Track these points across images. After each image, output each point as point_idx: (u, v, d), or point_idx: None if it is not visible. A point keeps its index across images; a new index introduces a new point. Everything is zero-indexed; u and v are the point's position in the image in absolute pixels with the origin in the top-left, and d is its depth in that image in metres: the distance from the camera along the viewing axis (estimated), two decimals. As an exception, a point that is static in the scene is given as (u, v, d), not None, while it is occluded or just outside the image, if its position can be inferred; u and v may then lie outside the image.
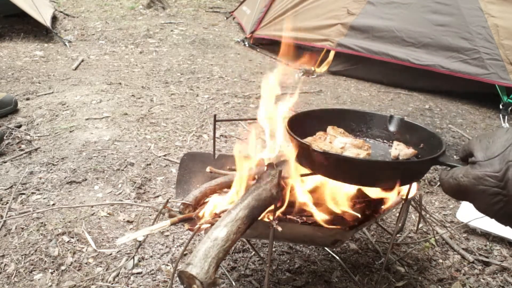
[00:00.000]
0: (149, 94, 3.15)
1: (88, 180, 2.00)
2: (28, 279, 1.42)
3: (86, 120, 2.61)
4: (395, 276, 1.53)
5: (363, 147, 1.18)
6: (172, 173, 2.12)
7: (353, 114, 1.38)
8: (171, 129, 2.59)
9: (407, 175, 1.08)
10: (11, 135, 2.39)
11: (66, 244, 1.58)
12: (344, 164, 1.04)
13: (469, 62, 3.30)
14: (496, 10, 3.28)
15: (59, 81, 3.35)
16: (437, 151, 1.05)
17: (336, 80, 3.88)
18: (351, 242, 1.69)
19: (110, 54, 4.26)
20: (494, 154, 0.80)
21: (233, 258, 1.57)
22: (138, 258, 1.54)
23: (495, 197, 0.80)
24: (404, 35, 3.59)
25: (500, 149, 0.79)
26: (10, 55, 3.98)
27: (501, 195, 0.79)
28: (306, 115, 1.32)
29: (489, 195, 0.80)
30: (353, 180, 1.11)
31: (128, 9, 6.29)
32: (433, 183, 2.17)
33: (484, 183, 0.80)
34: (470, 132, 2.90)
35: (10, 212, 1.74)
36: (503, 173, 0.78)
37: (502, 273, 1.59)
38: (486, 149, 0.82)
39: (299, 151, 1.13)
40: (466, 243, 1.74)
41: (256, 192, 1.10)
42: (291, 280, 1.47)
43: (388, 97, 3.55)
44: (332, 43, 3.88)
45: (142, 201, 1.89)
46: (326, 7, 4.00)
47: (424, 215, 1.80)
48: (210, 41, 4.88)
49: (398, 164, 1.10)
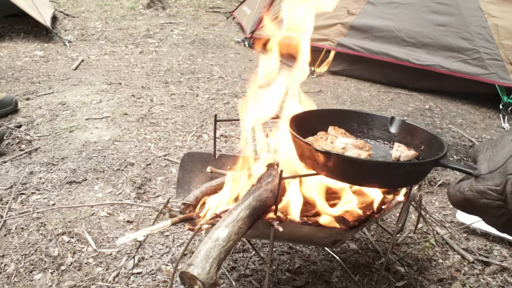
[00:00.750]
0: (149, 94, 3.15)
1: (88, 180, 2.00)
2: (28, 279, 1.42)
3: (86, 120, 2.61)
4: (395, 276, 1.53)
5: (364, 147, 1.18)
6: (172, 173, 2.12)
7: (354, 114, 1.38)
8: (171, 129, 2.59)
9: (408, 176, 1.08)
10: (11, 135, 2.39)
11: (66, 244, 1.58)
12: (345, 164, 1.04)
13: (469, 62, 3.31)
14: (496, 10, 3.28)
15: (59, 81, 3.35)
16: (439, 153, 1.05)
17: (336, 80, 3.88)
18: (351, 242, 1.69)
19: (110, 54, 4.26)
20: (496, 167, 0.78)
21: (233, 258, 1.57)
22: (138, 258, 1.54)
23: (499, 210, 0.79)
24: (404, 35, 3.59)
25: (501, 161, 0.78)
26: (10, 55, 3.98)
27: (504, 208, 0.78)
28: (307, 114, 1.32)
29: (493, 209, 0.79)
30: (354, 181, 1.11)
31: (128, 9, 6.29)
32: (433, 183, 2.18)
33: (487, 196, 0.79)
34: (470, 132, 2.90)
35: (10, 212, 1.74)
36: (503, 187, 0.77)
37: (502, 273, 1.59)
38: (489, 160, 0.81)
39: (301, 150, 1.13)
40: (466, 243, 1.74)
41: (257, 193, 1.10)
42: (291, 280, 1.47)
43: (388, 97, 3.55)
44: (332, 43, 3.88)
45: (142, 201, 1.89)
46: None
47: (424, 215, 1.80)
48: (210, 41, 4.88)
49: (399, 165, 1.10)
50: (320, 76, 3.94)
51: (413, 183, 1.18)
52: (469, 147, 2.66)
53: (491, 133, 2.92)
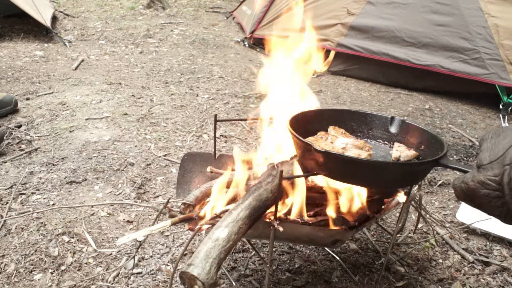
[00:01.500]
0: (149, 94, 3.15)
1: (88, 180, 2.00)
2: (28, 279, 1.42)
3: (86, 120, 2.61)
4: (395, 276, 1.53)
5: (364, 148, 1.18)
6: (172, 173, 2.12)
7: (354, 114, 1.38)
8: (171, 129, 2.59)
9: (409, 176, 1.08)
10: (11, 135, 2.39)
11: (66, 244, 1.58)
12: (344, 164, 1.04)
13: (469, 62, 3.30)
14: (496, 10, 3.28)
15: (59, 81, 3.35)
16: (438, 153, 1.05)
17: (336, 80, 3.88)
18: (351, 242, 1.69)
19: (110, 54, 4.26)
20: (496, 157, 0.79)
21: (233, 258, 1.57)
22: (138, 258, 1.54)
23: (498, 201, 0.79)
24: (404, 35, 3.58)
25: (501, 151, 0.78)
26: (10, 55, 3.98)
27: (503, 199, 0.78)
28: (307, 114, 1.32)
29: (493, 199, 0.80)
30: (352, 180, 1.11)
31: (128, 9, 6.29)
32: (433, 183, 2.18)
33: (487, 187, 0.80)
34: (470, 132, 2.90)
35: (10, 212, 1.74)
36: (501, 178, 0.77)
37: (502, 273, 1.59)
38: (490, 149, 0.81)
39: (301, 150, 1.13)
40: (466, 243, 1.74)
41: (257, 193, 1.10)
42: (291, 280, 1.47)
43: (388, 97, 3.55)
44: (332, 43, 3.88)
45: (142, 201, 1.89)
46: (326, 7, 4.00)
47: (424, 215, 1.80)
48: (210, 41, 4.88)
49: (399, 165, 1.10)
50: (320, 76, 3.94)
51: (414, 183, 1.18)
52: (469, 147, 2.66)
53: (491, 133, 2.92)
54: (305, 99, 1.39)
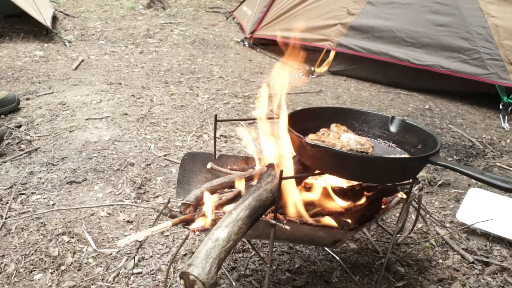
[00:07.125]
0: (149, 94, 3.15)
1: (88, 180, 2.00)
2: (28, 279, 1.42)
3: (86, 120, 2.61)
4: (395, 276, 1.53)
5: (365, 145, 1.19)
6: (172, 173, 2.12)
7: (354, 113, 1.40)
8: (171, 129, 2.59)
9: (399, 172, 1.10)
10: (11, 135, 2.39)
11: (66, 244, 1.58)
12: (333, 157, 1.06)
13: (469, 62, 3.30)
14: (496, 10, 3.28)
15: (59, 81, 3.35)
16: (431, 151, 1.09)
17: (336, 80, 3.88)
18: (351, 242, 1.69)
19: (110, 54, 4.26)
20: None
21: (233, 258, 1.57)
22: (138, 258, 1.54)
23: None
24: (404, 35, 3.58)
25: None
26: (10, 55, 3.98)
27: None
28: (307, 113, 1.33)
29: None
30: (350, 176, 1.13)
31: (128, 9, 6.29)
32: (433, 183, 2.18)
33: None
34: (470, 132, 2.90)
35: (10, 212, 1.74)
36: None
37: (502, 273, 1.59)
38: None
39: (296, 145, 1.14)
40: (466, 243, 1.74)
41: (257, 193, 1.10)
42: (291, 280, 1.47)
43: (388, 97, 3.55)
44: (332, 43, 3.88)
45: (142, 201, 1.89)
46: (326, 7, 4.00)
47: (424, 215, 1.80)
48: (210, 41, 4.88)
49: (388, 160, 1.12)
50: (320, 76, 3.94)
51: (405, 179, 1.21)
52: (469, 147, 2.66)
53: (491, 133, 2.92)
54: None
